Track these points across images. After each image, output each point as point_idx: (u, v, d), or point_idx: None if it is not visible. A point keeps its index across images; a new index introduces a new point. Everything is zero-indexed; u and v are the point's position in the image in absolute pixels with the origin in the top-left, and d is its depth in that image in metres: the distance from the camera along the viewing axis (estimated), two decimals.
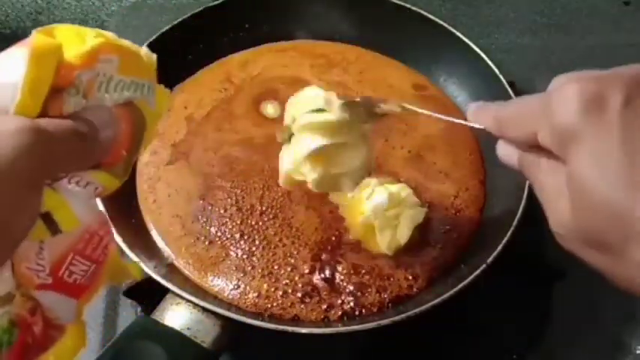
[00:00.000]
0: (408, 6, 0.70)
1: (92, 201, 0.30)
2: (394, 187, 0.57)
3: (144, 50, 0.31)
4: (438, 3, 0.85)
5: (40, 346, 0.28)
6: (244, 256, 0.54)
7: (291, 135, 0.48)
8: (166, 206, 0.58)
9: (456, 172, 0.62)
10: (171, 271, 0.54)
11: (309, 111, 0.46)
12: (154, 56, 0.32)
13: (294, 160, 0.48)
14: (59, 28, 0.27)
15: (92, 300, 0.31)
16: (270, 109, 0.66)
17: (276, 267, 0.54)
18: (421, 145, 0.63)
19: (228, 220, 0.57)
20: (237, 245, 0.55)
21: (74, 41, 0.27)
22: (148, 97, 0.31)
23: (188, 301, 0.48)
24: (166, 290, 0.49)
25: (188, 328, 0.47)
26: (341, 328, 0.50)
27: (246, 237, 0.55)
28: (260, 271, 0.54)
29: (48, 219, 0.26)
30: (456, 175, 0.62)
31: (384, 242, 0.54)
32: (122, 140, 0.30)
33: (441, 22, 0.68)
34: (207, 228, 0.56)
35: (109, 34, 0.29)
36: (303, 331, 0.49)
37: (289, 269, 0.54)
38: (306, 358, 0.57)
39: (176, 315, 0.48)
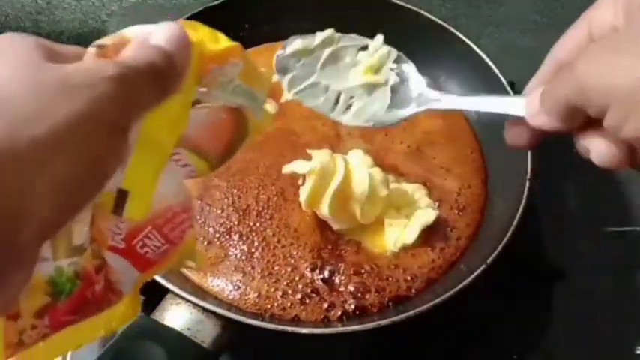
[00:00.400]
0: (408, 6, 0.70)
1: (184, 182, 0.31)
2: (410, 187, 0.57)
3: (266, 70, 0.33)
4: (438, 3, 0.85)
5: (97, 305, 0.28)
6: (243, 257, 0.54)
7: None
8: None
9: (457, 168, 0.62)
10: (171, 271, 0.54)
11: None
12: (276, 78, 0.34)
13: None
14: (199, 26, 0.28)
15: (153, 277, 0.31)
16: (267, 106, 0.66)
17: (276, 267, 0.54)
18: (421, 141, 0.63)
19: (225, 220, 0.57)
20: (237, 246, 0.55)
21: (210, 40, 0.28)
22: (256, 109, 0.33)
23: (188, 301, 0.48)
24: (166, 290, 0.49)
25: (188, 328, 0.47)
26: (341, 328, 0.50)
27: (244, 238, 0.55)
28: (260, 271, 0.54)
29: (121, 196, 0.26)
30: (458, 172, 0.61)
31: (390, 239, 0.54)
32: (223, 136, 0.32)
33: (441, 22, 0.68)
34: (206, 228, 0.56)
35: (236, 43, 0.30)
36: (303, 331, 0.49)
37: (289, 269, 0.54)
38: (306, 358, 0.57)
39: (176, 315, 0.48)
